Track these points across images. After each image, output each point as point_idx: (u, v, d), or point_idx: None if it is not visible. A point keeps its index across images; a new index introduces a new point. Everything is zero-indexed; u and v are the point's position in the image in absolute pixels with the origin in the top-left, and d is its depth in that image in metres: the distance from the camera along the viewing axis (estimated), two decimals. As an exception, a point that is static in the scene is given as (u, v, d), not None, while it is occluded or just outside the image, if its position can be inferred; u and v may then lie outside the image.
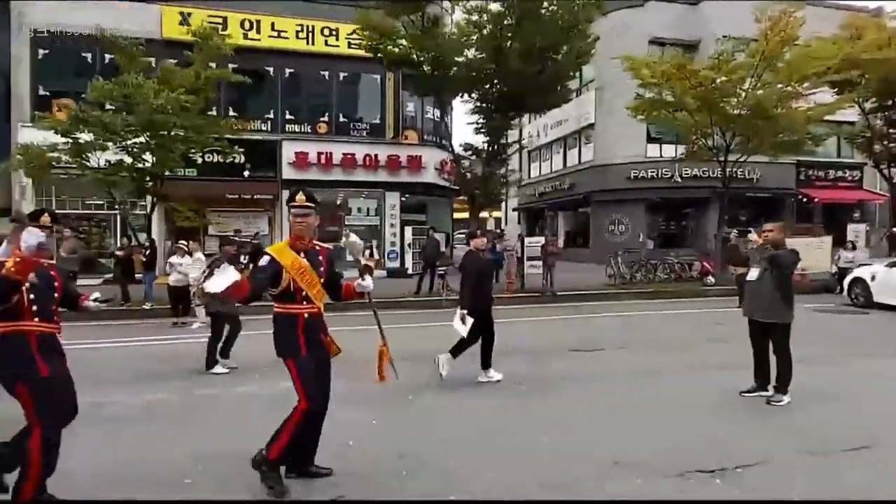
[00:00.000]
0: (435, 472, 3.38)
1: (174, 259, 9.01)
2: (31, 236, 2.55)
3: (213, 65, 11.32)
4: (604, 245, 19.61)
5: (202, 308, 9.13)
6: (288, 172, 16.22)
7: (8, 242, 2.82)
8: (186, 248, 9.02)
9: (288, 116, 16.51)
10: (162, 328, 8.86)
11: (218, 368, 5.93)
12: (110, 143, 10.20)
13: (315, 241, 3.30)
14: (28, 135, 11.91)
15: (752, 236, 5.13)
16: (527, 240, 13.85)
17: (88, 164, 10.15)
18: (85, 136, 9.95)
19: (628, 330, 8.81)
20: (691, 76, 11.99)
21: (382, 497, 3.10)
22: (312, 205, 3.18)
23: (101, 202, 14.96)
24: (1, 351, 2.71)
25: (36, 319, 2.77)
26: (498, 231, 18.80)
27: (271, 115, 16.37)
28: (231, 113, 15.89)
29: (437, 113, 15.86)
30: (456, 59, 11.00)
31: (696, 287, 13.59)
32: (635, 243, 18.68)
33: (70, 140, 9.78)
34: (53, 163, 10.32)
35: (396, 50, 10.51)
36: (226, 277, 2.93)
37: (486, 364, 5.43)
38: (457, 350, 5.39)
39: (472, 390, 5.24)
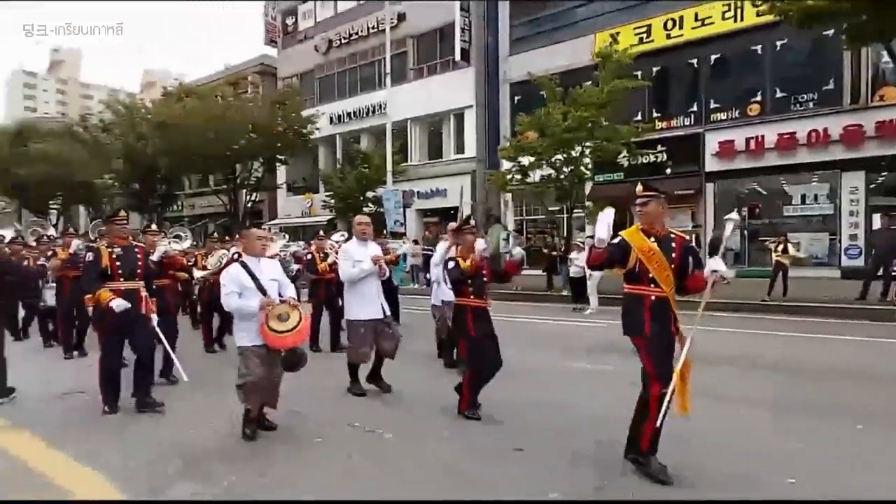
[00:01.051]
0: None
1: (572, 255, 10.73)
2: (481, 242, 4.48)
3: (618, 78, 12.32)
4: None
5: (595, 297, 10.51)
6: (711, 164, 15.47)
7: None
8: (582, 246, 10.55)
9: (713, 106, 15.67)
10: (564, 311, 10.73)
11: None
12: (543, 163, 12.94)
13: (672, 230, 3.37)
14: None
15: None
16: None
17: (527, 179, 13.26)
18: (526, 159, 13.09)
19: None
20: None
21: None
22: (651, 193, 3.28)
23: (558, 207, 18.61)
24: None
25: (472, 297, 4.24)
26: None
27: (694, 108, 15.99)
28: (655, 114, 16.59)
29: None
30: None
31: None
32: None
33: (515, 163, 13.12)
34: (509, 180, 14.01)
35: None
36: (602, 226, 3.17)
37: None
38: None
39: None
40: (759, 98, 14.95)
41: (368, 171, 17.52)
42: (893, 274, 9.21)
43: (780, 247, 10.39)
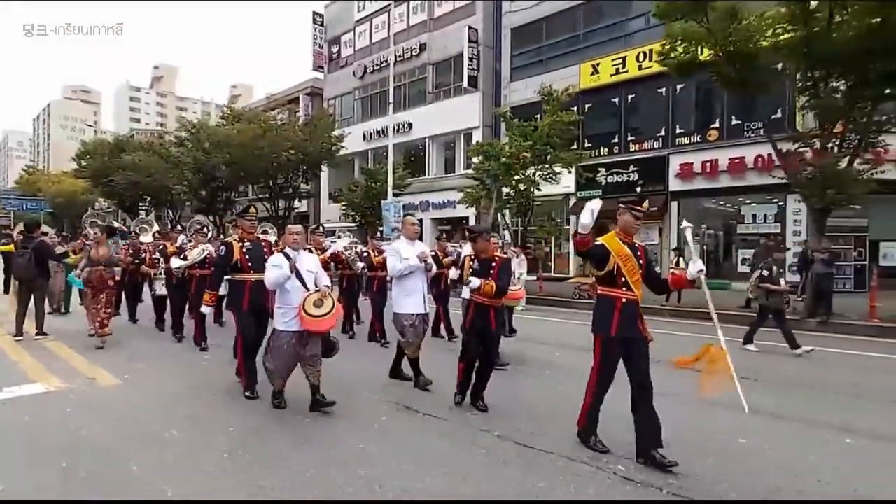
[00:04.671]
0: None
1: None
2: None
3: (562, 112, 14.30)
4: None
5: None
6: (674, 184, 16.94)
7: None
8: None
9: (678, 130, 17.15)
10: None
11: (750, 347, 7.44)
12: (497, 183, 15.15)
13: (635, 239, 3.72)
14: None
15: None
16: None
17: (490, 197, 15.58)
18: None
19: None
20: None
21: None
22: (639, 209, 3.67)
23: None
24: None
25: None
26: None
27: (662, 133, 17.50)
28: (629, 137, 18.24)
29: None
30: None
31: None
32: None
33: (480, 182, 15.50)
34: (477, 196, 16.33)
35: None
36: (587, 213, 3.37)
37: None
38: None
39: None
40: (717, 125, 16.30)
41: (376, 185, 20.36)
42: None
43: (675, 260, 12.03)
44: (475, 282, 4.47)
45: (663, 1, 10.27)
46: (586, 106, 19.22)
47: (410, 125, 25.28)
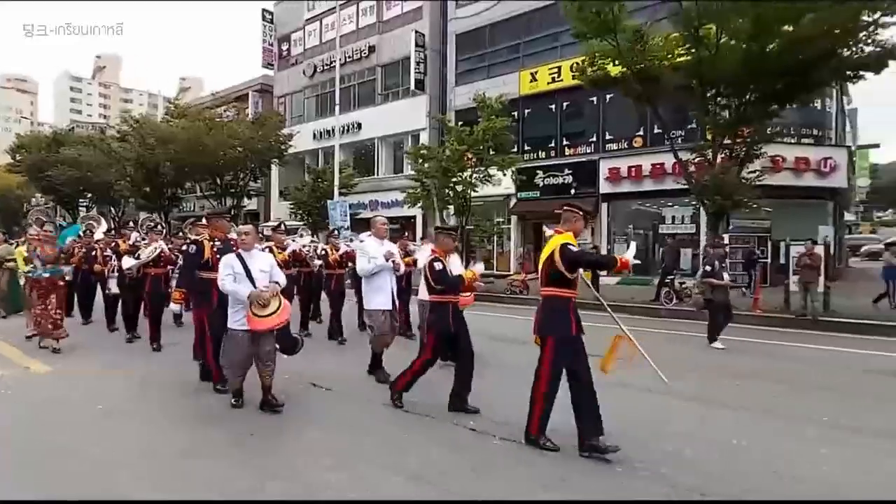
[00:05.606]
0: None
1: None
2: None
3: (495, 116, 15.17)
4: None
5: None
6: (604, 187, 18.14)
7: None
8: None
9: (608, 137, 18.38)
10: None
11: (717, 344, 7.66)
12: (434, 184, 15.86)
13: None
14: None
15: None
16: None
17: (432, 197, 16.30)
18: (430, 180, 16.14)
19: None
20: None
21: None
22: (581, 211, 3.94)
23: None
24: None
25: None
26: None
27: (594, 138, 18.70)
28: (564, 142, 19.38)
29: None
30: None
31: None
32: None
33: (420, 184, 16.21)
34: (418, 196, 17.01)
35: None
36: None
37: None
38: None
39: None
40: (641, 133, 17.59)
41: (323, 184, 20.72)
42: (667, 282, 11.87)
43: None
44: (480, 266, 5.07)
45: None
46: (526, 111, 20.24)
47: (360, 125, 25.67)
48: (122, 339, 7.69)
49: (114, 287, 8.19)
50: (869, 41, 10.06)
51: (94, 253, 8.82)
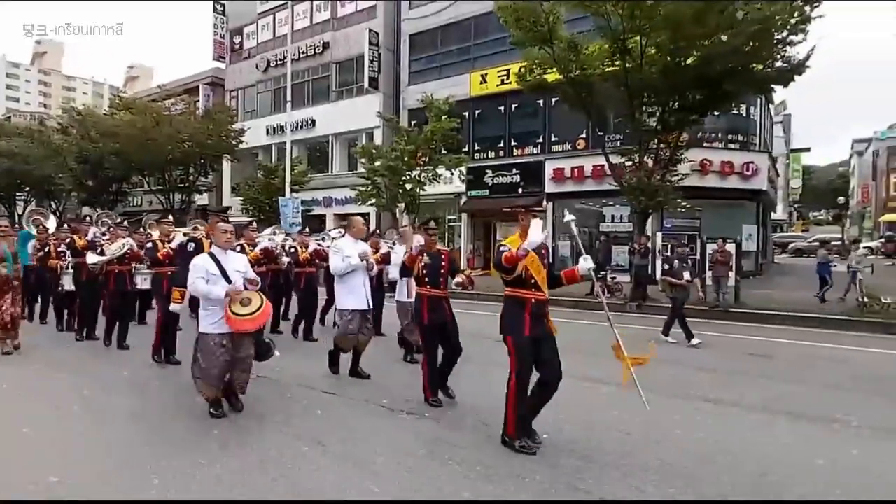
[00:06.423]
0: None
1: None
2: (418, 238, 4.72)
3: (444, 117, 15.68)
4: None
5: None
6: (550, 187, 18.94)
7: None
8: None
9: (553, 138, 19.19)
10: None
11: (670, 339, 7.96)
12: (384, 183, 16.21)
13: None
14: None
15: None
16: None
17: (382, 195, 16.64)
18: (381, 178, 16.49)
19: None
20: None
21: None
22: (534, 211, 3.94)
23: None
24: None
25: (428, 287, 4.66)
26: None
27: (540, 140, 19.48)
28: (513, 143, 20.08)
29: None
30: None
31: None
32: None
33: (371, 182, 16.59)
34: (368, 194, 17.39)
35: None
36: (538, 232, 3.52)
37: None
38: None
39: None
40: (584, 135, 18.47)
41: (275, 181, 20.70)
42: (600, 276, 12.66)
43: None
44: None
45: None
46: (476, 112, 20.83)
47: (314, 122, 25.67)
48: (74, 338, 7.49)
49: (68, 284, 7.82)
50: (778, 57, 11.09)
51: (47, 248, 8.36)
